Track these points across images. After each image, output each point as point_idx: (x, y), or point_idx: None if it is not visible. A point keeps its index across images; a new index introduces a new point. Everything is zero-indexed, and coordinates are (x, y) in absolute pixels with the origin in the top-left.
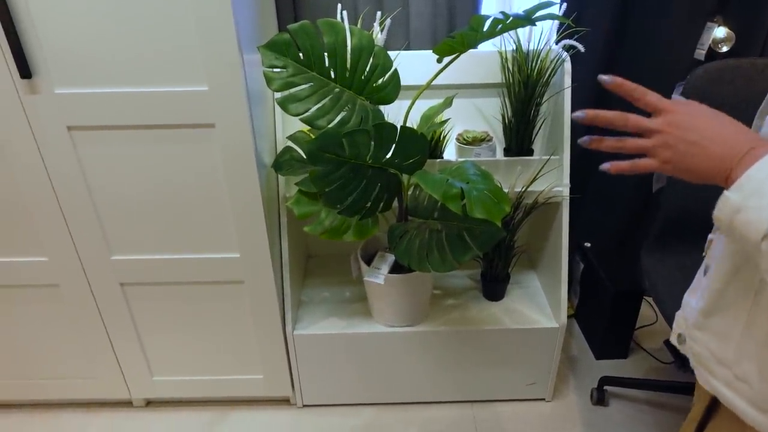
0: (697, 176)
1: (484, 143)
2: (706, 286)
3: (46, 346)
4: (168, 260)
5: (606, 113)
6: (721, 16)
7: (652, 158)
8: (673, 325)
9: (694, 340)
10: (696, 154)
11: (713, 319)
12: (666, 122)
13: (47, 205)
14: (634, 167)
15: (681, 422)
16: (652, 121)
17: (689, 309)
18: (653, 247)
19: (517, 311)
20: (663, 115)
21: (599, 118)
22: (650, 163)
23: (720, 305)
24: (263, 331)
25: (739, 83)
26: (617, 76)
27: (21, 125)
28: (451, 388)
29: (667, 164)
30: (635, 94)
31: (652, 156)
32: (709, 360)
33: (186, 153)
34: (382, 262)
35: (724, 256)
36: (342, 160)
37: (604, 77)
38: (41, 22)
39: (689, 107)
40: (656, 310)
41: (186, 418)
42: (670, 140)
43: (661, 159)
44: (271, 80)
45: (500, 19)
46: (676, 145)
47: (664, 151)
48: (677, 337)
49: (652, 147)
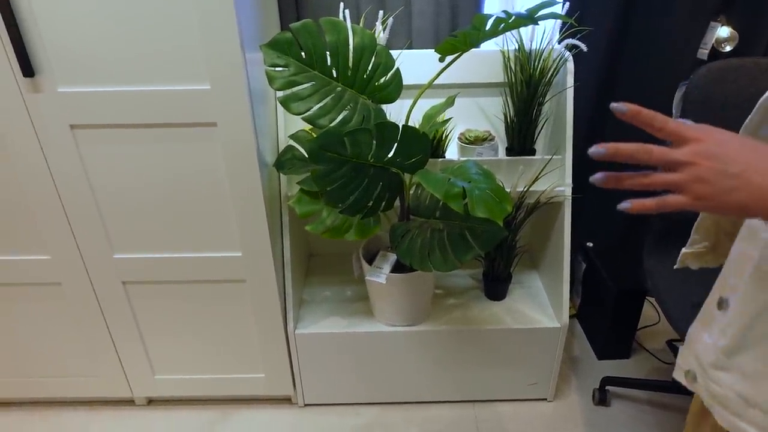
0: (737, 212)
1: (486, 142)
2: (728, 322)
3: (48, 344)
4: (170, 259)
5: (626, 147)
6: (724, 16)
7: (683, 194)
8: (677, 360)
9: (715, 381)
10: (737, 188)
11: (739, 359)
12: (695, 152)
13: (50, 203)
14: (662, 205)
15: (683, 422)
16: (679, 152)
17: (702, 346)
18: (656, 247)
19: (519, 311)
20: (690, 145)
21: (620, 153)
22: (681, 200)
23: (747, 343)
24: (265, 330)
25: (742, 83)
26: (630, 103)
27: (24, 124)
28: (453, 388)
29: (703, 201)
30: (655, 123)
31: (683, 192)
32: (736, 402)
33: (188, 152)
34: (383, 261)
35: (751, 290)
36: (344, 159)
37: (617, 106)
38: (44, 21)
39: (718, 135)
40: (658, 310)
41: (187, 417)
42: (704, 173)
43: (695, 195)
44: (273, 79)
45: (503, 18)
46: (713, 179)
47: (698, 186)
48: (685, 373)
49: (683, 182)
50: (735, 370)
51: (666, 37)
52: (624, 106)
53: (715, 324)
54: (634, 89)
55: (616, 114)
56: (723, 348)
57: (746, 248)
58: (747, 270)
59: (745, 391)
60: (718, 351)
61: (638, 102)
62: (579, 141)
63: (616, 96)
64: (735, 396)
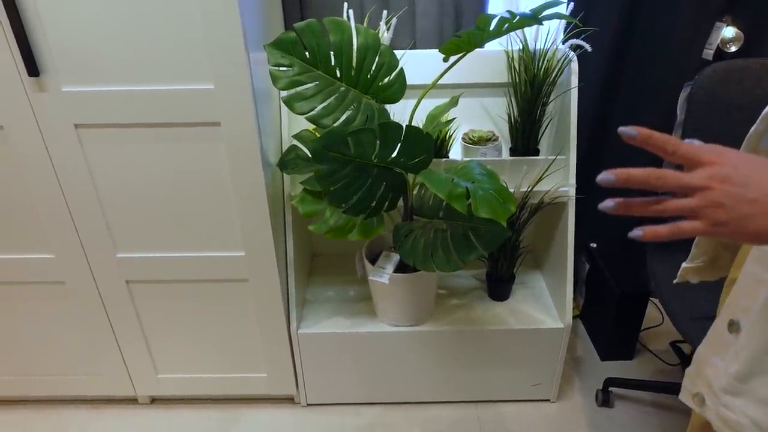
0: (754, 239)
1: (489, 143)
2: (741, 346)
3: (51, 342)
4: (173, 258)
5: (638, 173)
6: (730, 16)
7: (699, 220)
8: (683, 382)
9: (727, 407)
10: (756, 214)
11: (753, 384)
12: (710, 176)
13: (54, 202)
14: (676, 232)
15: (686, 424)
16: (693, 176)
17: (713, 369)
18: (659, 248)
19: (523, 311)
20: (705, 168)
21: (631, 179)
22: (697, 226)
23: (761, 368)
24: (268, 330)
25: (747, 83)
26: (640, 127)
27: (28, 123)
28: (456, 388)
29: (719, 227)
30: (668, 147)
31: (699, 217)
32: (749, 429)
33: (192, 151)
34: (387, 261)
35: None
36: (347, 158)
37: (626, 131)
38: (49, 21)
39: (733, 157)
40: (662, 311)
41: (190, 416)
42: (720, 198)
43: (712, 221)
44: (277, 79)
45: (507, 18)
46: (729, 203)
47: (715, 211)
48: (692, 396)
49: (698, 207)
50: (748, 395)
51: (671, 37)
52: (633, 130)
53: (727, 347)
54: (639, 90)
55: (624, 138)
56: (735, 373)
57: (760, 272)
58: (761, 294)
59: (759, 417)
60: (730, 376)
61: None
62: (583, 141)
63: (620, 96)
64: (749, 423)
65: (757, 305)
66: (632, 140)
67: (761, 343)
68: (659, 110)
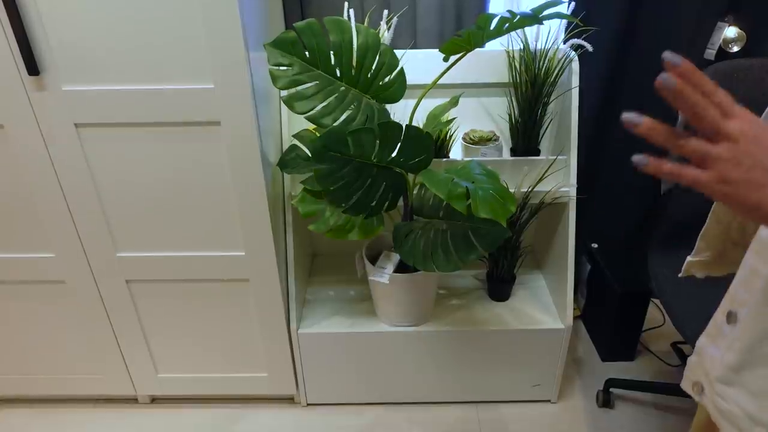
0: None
1: (490, 143)
2: (736, 337)
3: (52, 342)
4: (173, 257)
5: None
6: (732, 16)
7: (707, 171)
8: (685, 371)
9: (721, 396)
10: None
11: (746, 375)
12: (742, 131)
13: (54, 201)
14: (676, 173)
15: (688, 426)
16: (729, 123)
17: (709, 359)
18: (661, 248)
19: (523, 312)
20: (738, 121)
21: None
22: (700, 176)
23: (754, 360)
24: (268, 330)
25: (750, 83)
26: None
27: (29, 122)
28: (456, 389)
29: (724, 185)
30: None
31: (710, 167)
32: (742, 419)
33: (192, 151)
34: (387, 261)
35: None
36: (347, 158)
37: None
38: (49, 20)
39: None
40: (663, 312)
41: (190, 416)
42: (743, 156)
43: (721, 176)
44: (277, 78)
45: (507, 17)
46: (749, 165)
47: (729, 167)
48: (692, 385)
49: (718, 156)
50: (740, 386)
51: (673, 37)
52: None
53: (723, 337)
54: (640, 90)
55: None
56: (729, 363)
57: (757, 264)
58: (757, 286)
59: (751, 408)
60: (724, 365)
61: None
62: (584, 141)
63: (621, 96)
64: (741, 413)
65: (754, 297)
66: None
67: (755, 335)
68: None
